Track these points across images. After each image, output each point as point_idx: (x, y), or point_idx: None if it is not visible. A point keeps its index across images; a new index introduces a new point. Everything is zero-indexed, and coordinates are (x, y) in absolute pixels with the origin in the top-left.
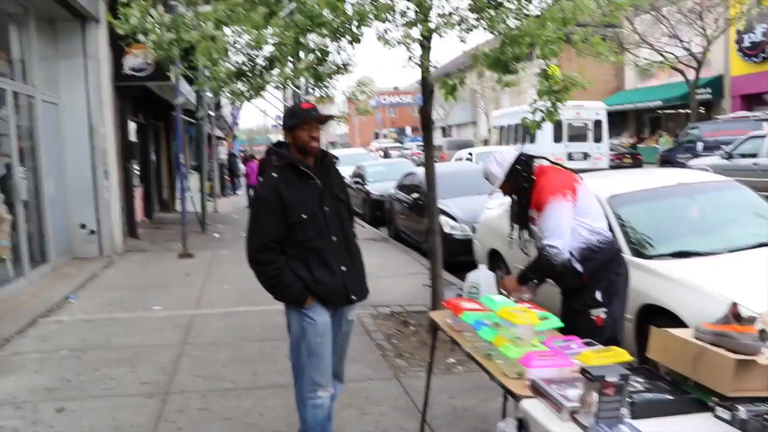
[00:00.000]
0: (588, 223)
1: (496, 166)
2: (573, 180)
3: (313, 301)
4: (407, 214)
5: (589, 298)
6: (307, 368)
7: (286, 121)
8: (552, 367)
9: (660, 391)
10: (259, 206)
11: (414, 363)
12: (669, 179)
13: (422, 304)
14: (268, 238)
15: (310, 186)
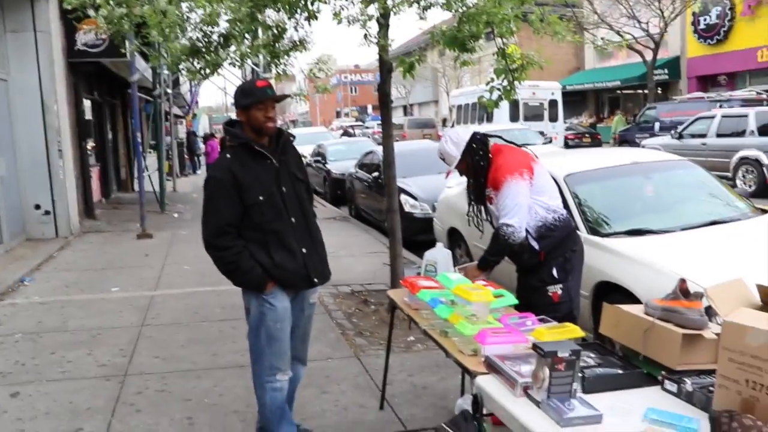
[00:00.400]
0: (544, 201)
1: (451, 146)
2: (529, 159)
3: (273, 287)
4: (368, 193)
5: (546, 274)
6: (266, 353)
7: (240, 100)
8: (506, 344)
9: (611, 366)
10: (213, 188)
11: (374, 341)
12: (624, 158)
13: (382, 282)
14: (223, 221)
15: (266, 166)
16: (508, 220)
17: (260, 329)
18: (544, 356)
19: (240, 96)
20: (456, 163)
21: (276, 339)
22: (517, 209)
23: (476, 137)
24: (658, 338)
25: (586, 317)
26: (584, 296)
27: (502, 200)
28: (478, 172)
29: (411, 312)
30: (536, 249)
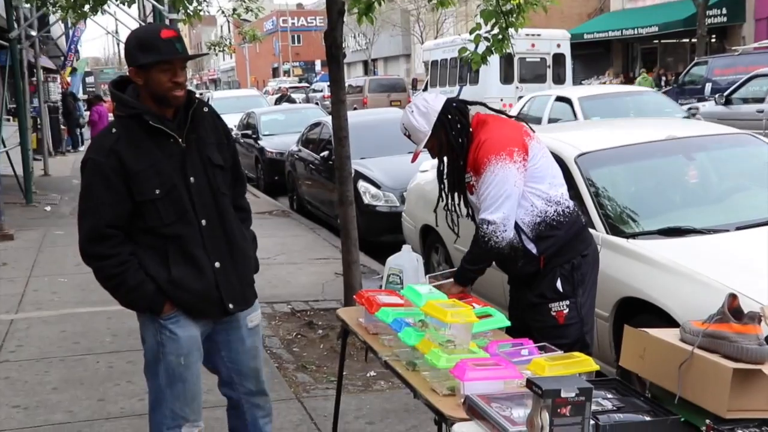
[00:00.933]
0: (543, 190)
1: (419, 118)
2: (522, 133)
3: (173, 309)
4: (315, 179)
5: (548, 287)
6: (167, 397)
7: (136, 55)
8: (493, 380)
9: (635, 411)
10: (90, 176)
11: (321, 378)
12: (657, 132)
13: (333, 299)
14: (103, 222)
15: (168, 147)
16: (490, 215)
17: (158, 366)
18: (543, 396)
19: (136, 49)
20: (425, 141)
21: (179, 379)
22: (502, 201)
23: (452, 105)
24: (700, 374)
25: (606, 345)
26: (602, 317)
27: (483, 189)
28: (455, 153)
29: (368, 338)
30: (534, 253)
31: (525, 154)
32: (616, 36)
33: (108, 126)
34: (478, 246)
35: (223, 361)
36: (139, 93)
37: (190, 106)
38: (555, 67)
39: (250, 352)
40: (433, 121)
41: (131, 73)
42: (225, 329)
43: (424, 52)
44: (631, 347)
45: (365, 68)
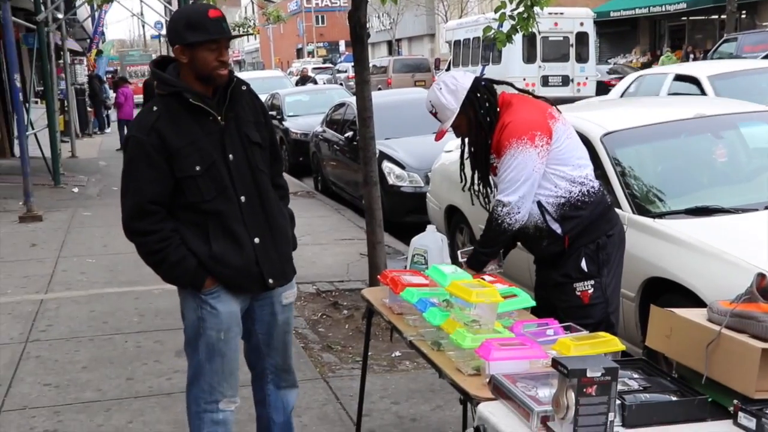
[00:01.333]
0: (566, 171)
1: (447, 95)
2: (546, 116)
3: (215, 284)
4: (339, 160)
5: (573, 267)
6: (206, 371)
7: (183, 34)
8: (518, 359)
9: (662, 391)
10: (132, 153)
11: (346, 358)
12: (685, 110)
13: (359, 279)
14: (145, 198)
15: (207, 125)
16: (505, 197)
17: (198, 340)
18: (569, 376)
19: (184, 28)
20: (453, 119)
21: (218, 354)
22: (519, 185)
23: (480, 84)
24: (727, 354)
25: (632, 325)
26: (628, 297)
27: (503, 171)
28: (483, 132)
29: (393, 318)
30: (558, 233)
31: (548, 137)
32: (643, 13)
33: (149, 104)
34: (491, 228)
35: (254, 332)
36: (180, 71)
37: (229, 85)
38: (578, 46)
39: (281, 327)
40: (461, 99)
41: (177, 51)
42: (261, 304)
43: (447, 32)
44: (658, 327)
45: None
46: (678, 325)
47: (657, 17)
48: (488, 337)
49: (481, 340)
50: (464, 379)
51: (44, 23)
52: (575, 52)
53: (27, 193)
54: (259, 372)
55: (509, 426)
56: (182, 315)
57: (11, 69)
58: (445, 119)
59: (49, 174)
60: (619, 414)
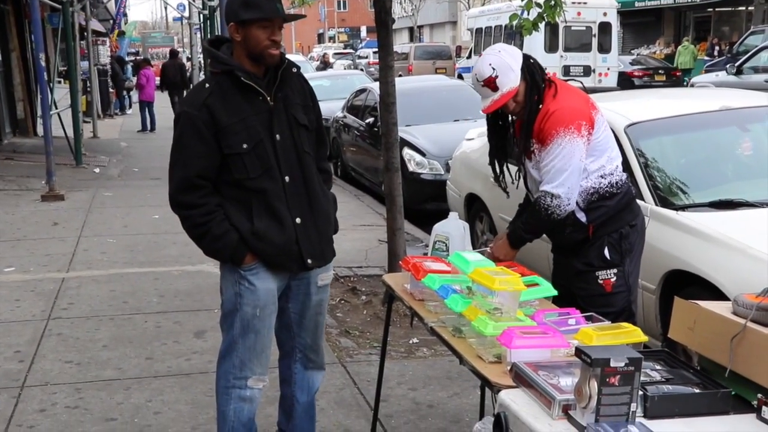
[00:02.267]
0: (601, 164)
1: (510, 58)
2: (589, 106)
3: (254, 261)
4: (359, 146)
5: (595, 256)
6: (239, 347)
7: (238, 11)
8: (540, 348)
9: (685, 383)
10: (183, 128)
11: (364, 343)
12: (710, 102)
13: (377, 265)
14: (193, 172)
15: (257, 104)
16: (554, 188)
17: (234, 316)
18: (592, 365)
19: (240, 6)
20: (516, 81)
21: (252, 330)
22: (567, 175)
23: (530, 58)
24: (752, 347)
25: (651, 318)
26: (649, 289)
27: (548, 160)
28: (538, 95)
29: (414, 304)
30: (583, 222)
31: (591, 128)
32: (668, 4)
33: (201, 82)
34: (538, 217)
35: (287, 311)
36: (233, 51)
37: (280, 66)
38: (600, 36)
39: (314, 307)
40: (521, 63)
41: (231, 29)
42: (297, 284)
43: (468, 20)
44: (681, 319)
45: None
46: (702, 317)
47: (682, 8)
48: (510, 325)
49: (502, 327)
50: (485, 367)
51: (69, 3)
52: (597, 42)
53: (49, 173)
54: (288, 350)
55: (530, 414)
56: (221, 290)
57: (37, 48)
58: (509, 81)
59: (71, 154)
60: (641, 404)
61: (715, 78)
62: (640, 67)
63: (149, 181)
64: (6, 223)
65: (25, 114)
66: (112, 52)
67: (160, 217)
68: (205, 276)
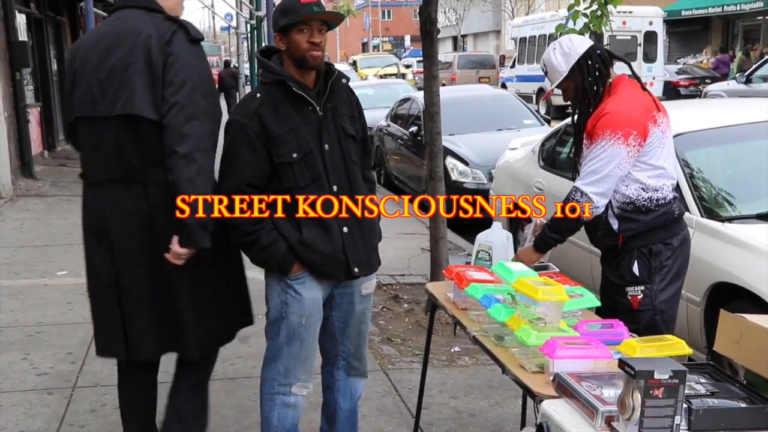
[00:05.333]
0: (644, 177)
1: (559, 56)
2: (648, 117)
3: (301, 270)
4: (402, 155)
5: (626, 269)
6: (284, 354)
7: (278, 20)
8: (583, 359)
9: (730, 397)
10: (234, 136)
11: (406, 351)
12: (759, 113)
13: (419, 274)
14: (244, 181)
15: (307, 114)
16: (585, 187)
17: (280, 324)
18: (636, 377)
19: (279, 15)
20: (559, 80)
21: (298, 338)
22: (601, 178)
23: (595, 52)
24: None
25: (696, 330)
26: (694, 301)
27: (589, 159)
28: (588, 100)
29: (456, 313)
30: (614, 229)
31: (642, 139)
32: (716, 12)
33: (252, 91)
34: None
35: (331, 319)
36: (283, 61)
37: (330, 77)
38: (645, 45)
39: (358, 316)
40: (572, 63)
41: (276, 40)
42: (341, 292)
43: (512, 29)
44: (727, 332)
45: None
46: (749, 331)
47: (731, 16)
48: (553, 335)
49: (545, 337)
50: (527, 376)
51: None
52: (643, 52)
53: None
54: (332, 358)
55: (573, 424)
56: (266, 298)
57: None
58: (553, 80)
59: None
60: (685, 418)
61: (726, 87)
62: (686, 76)
63: None
64: (59, 227)
65: None
66: None
67: None
68: (250, 282)
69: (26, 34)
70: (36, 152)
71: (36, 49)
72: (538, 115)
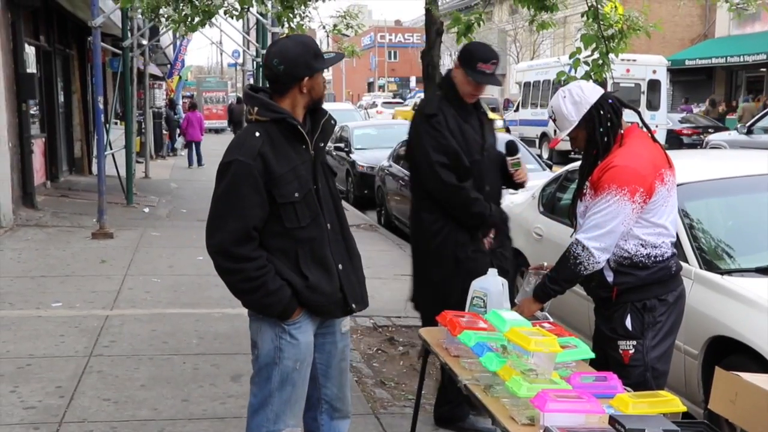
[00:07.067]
0: (643, 234)
1: (569, 105)
2: (656, 175)
3: (299, 314)
4: (404, 195)
5: (618, 323)
6: (275, 400)
7: (313, 64)
8: (575, 413)
9: None
10: (238, 177)
11: (399, 395)
12: (758, 165)
13: (416, 316)
14: (251, 224)
15: (302, 153)
16: (588, 241)
17: (273, 369)
18: None
19: (313, 59)
20: (569, 130)
21: (291, 383)
22: (604, 233)
23: (606, 101)
24: None
25: (694, 384)
26: (691, 354)
27: (592, 212)
28: (597, 150)
29: (448, 359)
30: (608, 282)
31: (648, 197)
32: (719, 63)
33: (249, 129)
34: (565, 264)
35: (314, 362)
36: (278, 100)
37: (321, 117)
38: (649, 93)
39: (339, 354)
40: (582, 113)
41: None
42: (322, 333)
43: (517, 73)
44: (723, 391)
45: None
46: (744, 390)
47: (734, 67)
48: (544, 387)
49: (537, 389)
50: (517, 429)
51: (129, 49)
52: (646, 100)
53: (101, 211)
54: (314, 402)
55: None
56: (254, 343)
57: (96, 91)
58: (563, 129)
59: (122, 193)
60: None
61: (728, 137)
62: (689, 125)
63: (196, 222)
64: (57, 258)
65: (81, 153)
66: (167, 95)
67: (204, 259)
68: (244, 320)
69: (35, 65)
70: (38, 182)
71: (44, 80)
72: (540, 160)
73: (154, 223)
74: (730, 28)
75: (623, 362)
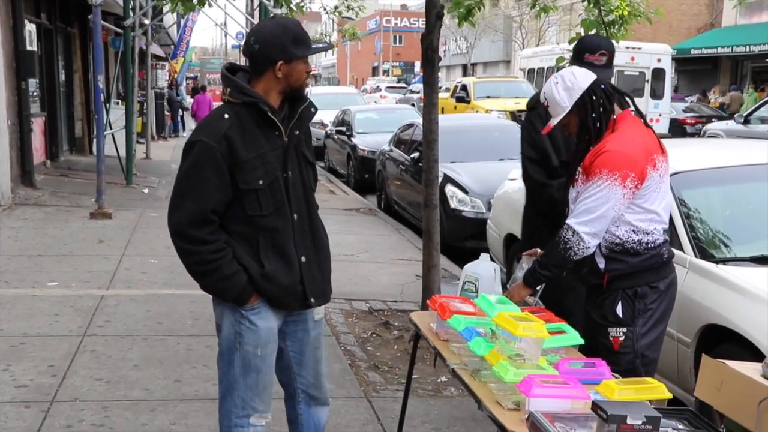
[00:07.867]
0: (634, 220)
1: (562, 91)
2: (648, 161)
3: (257, 300)
4: (404, 180)
5: (609, 310)
6: (240, 386)
7: (290, 49)
8: (559, 398)
9: None
10: (199, 158)
11: (392, 379)
12: (757, 154)
13: (411, 300)
14: (209, 207)
15: (273, 140)
16: (578, 226)
17: (233, 354)
18: (608, 422)
19: (292, 44)
20: (562, 116)
21: (254, 369)
22: (595, 218)
23: (599, 86)
24: None
25: (686, 372)
26: (684, 342)
27: (583, 197)
28: (590, 135)
29: (438, 344)
30: (600, 268)
31: (639, 182)
32: (725, 52)
33: (218, 111)
34: (555, 249)
35: (286, 350)
36: (254, 83)
37: (300, 104)
38: (653, 82)
39: (313, 343)
40: (575, 99)
41: (280, 67)
42: (293, 320)
43: (522, 60)
44: (709, 378)
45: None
46: (729, 378)
47: (740, 57)
48: (531, 373)
49: (523, 374)
50: (503, 413)
51: (131, 28)
52: (650, 88)
53: (99, 191)
54: (291, 392)
55: None
56: (217, 327)
57: (96, 70)
58: (555, 115)
59: (122, 173)
60: None
61: (725, 126)
62: (693, 114)
63: None
64: (55, 238)
65: (82, 133)
66: (170, 76)
67: None
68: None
69: (35, 43)
70: (38, 161)
71: (45, 59)
72: None
73: (153, 204)
74: (737, 17)
75: (613, 349)
